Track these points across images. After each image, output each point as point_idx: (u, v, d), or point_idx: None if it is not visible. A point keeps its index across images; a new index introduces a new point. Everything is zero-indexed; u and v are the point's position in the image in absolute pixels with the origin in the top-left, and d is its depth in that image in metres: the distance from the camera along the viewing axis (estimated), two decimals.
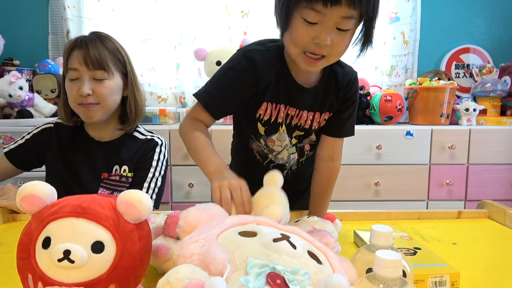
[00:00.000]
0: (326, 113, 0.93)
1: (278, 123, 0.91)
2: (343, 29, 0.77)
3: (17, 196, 0.45)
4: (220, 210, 0.60)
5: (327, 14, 0.73)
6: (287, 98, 0.89)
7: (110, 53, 1.07)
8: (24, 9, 2.34)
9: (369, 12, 0.77)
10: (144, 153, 1.16)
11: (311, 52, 0.78)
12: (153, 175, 1.15)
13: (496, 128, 2.03)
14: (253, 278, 0.41)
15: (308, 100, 0.90)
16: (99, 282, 0.42)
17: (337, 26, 0.76)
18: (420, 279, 0.59)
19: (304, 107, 0.91)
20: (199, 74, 2.38)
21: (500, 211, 0.95)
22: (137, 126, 1.22)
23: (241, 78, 0.86)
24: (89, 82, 1.04)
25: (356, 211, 0.99)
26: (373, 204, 1.97)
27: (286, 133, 0.93)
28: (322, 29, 0.75)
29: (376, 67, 2.42)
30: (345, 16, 0.74)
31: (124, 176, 1.13)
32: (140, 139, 1.18)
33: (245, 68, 0.86)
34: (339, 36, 0.77)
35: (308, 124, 0.93)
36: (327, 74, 0.92)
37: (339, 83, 0.91)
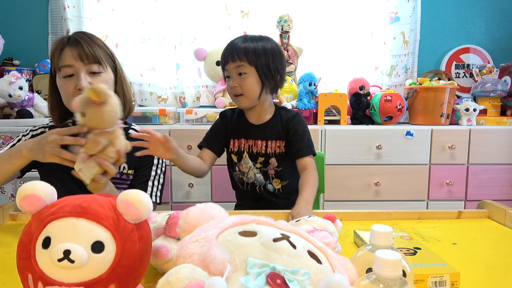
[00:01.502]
0: (277, 141, 1.25)
1: (241, 151, 1.28)
2: (241, 73, 1.18)
3: (17, 196, 0.45)
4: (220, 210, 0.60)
5: (228, 68, 1.20)
6: (244, 133, 1.27)
7: (101, 48, 1.07)
8: (24, 9, 2.34)
9: (252, 61, 1.17)
10: None
11: (234, 95, 1.21)
12: (156, 173, 1.17)
13: (496, 128, 2.03)
14: (253, 278, 0.41)
15: (258, 132, 1.26)
16: (99, 282, 0.42)
17: (237, 72, 1.18)
18: (420, 279, 0.59)
19: (257, 138, 1.26)
20: (199, 74, 2.38)
21: (500, 211, 0.95)
22: (132, 124, 1.22)
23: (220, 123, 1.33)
24: (86, 75, 1.03)
25: (356, 211, 0.99)
26: (373, 204, 1.97)
27: (248, 158, 1.27)
28: (231, 79, 1.20)
29: (376, 67, 2.42)
30: (236, 66, 1.18)
31: (125, 173, 1.13)
32: None
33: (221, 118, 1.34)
34: (241, 79, 1.18)
35: (263, 149, 1.26)
36: (274, 115, 1.28)
37: (282, 120, 1.26)
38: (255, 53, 1.17)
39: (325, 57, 2.37)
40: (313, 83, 2.08)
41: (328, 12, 2.34)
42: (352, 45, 2.38)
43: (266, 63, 1.18)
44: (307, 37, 2.35)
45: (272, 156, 1.25)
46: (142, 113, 2.03)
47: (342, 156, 1.94)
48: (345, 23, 2.35)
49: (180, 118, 2.09)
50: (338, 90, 2.14)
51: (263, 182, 1.28)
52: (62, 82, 1.04)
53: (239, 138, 1.28)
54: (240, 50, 1.17)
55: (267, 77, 1.19)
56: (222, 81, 2.24)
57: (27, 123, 1.81)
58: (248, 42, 1.18)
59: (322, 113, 2.04)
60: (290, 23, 2.18)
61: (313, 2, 2.34)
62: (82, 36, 1.06)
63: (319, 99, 2.05)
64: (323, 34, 2.35)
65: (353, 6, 2.35)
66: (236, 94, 1.20)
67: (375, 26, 2.38)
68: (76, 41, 1.03)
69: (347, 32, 2.36)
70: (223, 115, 1.33)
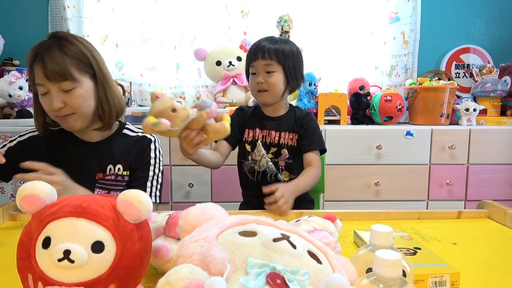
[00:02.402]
0: (290, 133, 1.31)
1: (255, 139, 1.34)
2: (269, 71, 1.25)
3: (17, 196, 0.45)
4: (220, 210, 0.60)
5: (256, 65, 1.27)
6: (259, 123, 1.34)
7: (72, 59, 0.99)
8: (24, 9, 2.34)
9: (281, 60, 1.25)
10: (140, 152, 1.15)
11: (258, 90, 1.28)
12: (153, 173, 1.16)
13: (496, 128, 2.03)
14: (253, 278, 0.41)
15: (273, 123, 1.33)
16: (99, 282, 0.42)
17: (265, 70, 1.25)
18: (420, 279, 0.59)
19: (271, 128, 1.33)
20: (199, 74, 2.38)
21: (500, 211, 0.95)
22: (126, 124, 1.20)
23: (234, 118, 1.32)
24: (58, 94, 0.99)
25: (356, 211, 0.99)
26: (373, 204, 1.97)
27: (261, 146, 1.32)
28: (257, 75, 1.27)
29: (376, 67, 2.42)
30: (265, 64, 1.25)
31: (120, 175, 1.12)
32: (131, 137, 1.17)
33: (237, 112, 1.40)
34: (269, 76, 1.25)
35: (276, 140, 1.32)
36: (288, 111, 1.36)
37: (296, 116, 1.34)
38: (284, 54, 1.25)
39: (325, 57, 2.37)
40: (313, 83, 2.08)
41: (328, 12, 2.34)
42: (352, 45, 2.38)
43: (293, 65, 1.27)
44: (307, 37, 2.35)
45: (284, 147, 1.30)
46: (142, 113, 2.03)
47: (342, 156, 1.94)
48: (345, 23, 2.35)
49: None
50: (338, 90, 2.15)
51: (274, 170, 1.31)
52: (40, 98, 1.03)
53: (254, 128, 1.34)
54: (271, 50, 1.24)
55: (292, 77, 1.27)
56: (222, 81, 2.24)
57: (27, 123, 1.81)
58: (277, 44, 1.26)
59: (322, 113, 2.04)
60: (290, 23, 2.18)
61: (313, 2, 2.34)
62: (51, 46, 0.99)
63: (319, 99, 2.05)
64: (323, 34, 2.35)
65: (353, 6, 2.35)
66: (260, 89, 1.27)
67: (375, 26, 2.38)
68: (42, 57, 0.97)
69: (347, 32, 2.36)
70: (240, 109, 1.41)
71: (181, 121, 0.88)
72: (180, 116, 0.88)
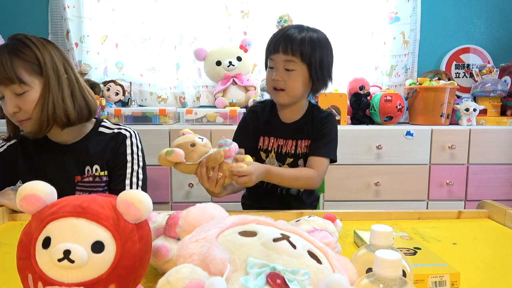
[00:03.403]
0: (306, 141, 1.19)
1: (268, 150, 1.22)
2: (289, 69, 1.09)
3: (17, 196, 0.45)
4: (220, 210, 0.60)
5: (275, 59, 1.10)
6: (276, 131, 1.21)
7: (22, 61, 0.96)
8: (24, 9, 2.34)
9: (306, 57, 1.07)
10: (114, 149, 1.10)
11: (274, 88, 1.13)
12: (132, 170, 1.10)
13: (496, 128, 2.03)
14: (253, 278, 0.41)
15: (290, 131, 1.20)
16: (99, 282, 0.42)
17: (285, 67, 1.09)
18: (420, 279, 0.59)
19: (288, 137, 1.20)
20: (199, 74, 2.38)
21: (500, 211, 0.95)
22: (103, 121, 1.15)
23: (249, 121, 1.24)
24: (11, 99, 0.96)
25: (356, 211, 0.99)
26: (373, 204, 1.97)
27: (274, 158, 1.21)
28: (275, 70, 1.11)
29: (376, 67, 2.42)
30: (285, 60, 1.08)
31: (97, 175, 1.09)
32: (107, 134, 1.11)
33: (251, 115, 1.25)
34: (288, 75, 1.10)
35: (293, 149, 1.20)
36: (306, 114, 1.21)
37: (314, 119, 1.19)
38: (311, 46, 1.07)
39: None
40: None
41: (328, 12, 2.34)
42: (352, 45, 2.38)
43: (320, 59, 1.09)
44: None
45: (301, 157, 1.19)
46: (142, 113, 2.03)
47: (342, 156, 1.92)
48: (345, 23, 2.35)
49: (180, 118, 2.09)
50: (338, 90, 2.15)
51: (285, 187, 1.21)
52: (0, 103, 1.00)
53: (269, 136, 1.21)
54: (295, 43, 1.06)
55: (318, 77, 1.11)
56: (222, 81, 2.24)
57: None
58: (305, 34, 1.08)
59: None
60: (290, 23, 2.18)
61: (313, 2, 2.34)
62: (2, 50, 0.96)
63: (319, 99, 2.05)
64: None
65: (353, 6, 2.35)
66: (276, 87, 1.12)
67: (375, 26, 2.38)
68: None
69: (347, 32, 2.36)
70: (254, 111, 1.25)
71: (198, 156, 0.89)
72: (197, 151, 0.89)
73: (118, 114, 1.99)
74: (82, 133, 1.10)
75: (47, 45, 1.02)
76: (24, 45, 0.98)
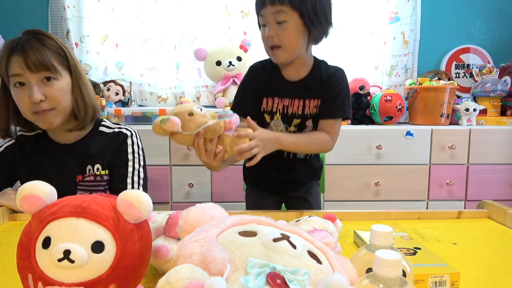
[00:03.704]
0: (315, 100, 1.10)
1: (273, 112, 1.12)
2: (280, 22, 0.99)
3: (17, 196, 0.45)
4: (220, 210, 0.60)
5: (264, 14, 1.00)
6: (279, 91, 1.11)
7: (52, 52, 0.97)
8: (24, 9, 2.34)
9: (295, 4, 0.97)
10: (116, 148, 1.10)
11: (271, 46, 1.04)
12: (133, 169, 1.10)
13: (496, 128, 2.03)
14: (253, 278, 0.41)
15: (296, 90, 1.10)
16: (99, 282, 0.42)
17: (276, 20, 0.99)
18: (420, 279, 0.59)
19: (294, 96, 1.10)
20: (199, 74, 2.38)
21: (500, 211, 0.95)
22: (102, 120, 1.15)
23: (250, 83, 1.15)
24: (38, 86, 0.95)
25: (356, 211, 0.99)
26: (373, 204, 1.97)
27: (280, 120, 1.12)
28: (267, 27, 1.02)
29: (376, 67, 2.42)
30: (274, 12, 0.98)
31: (98, 175, 1.08)
32: (107, 133, 1.12)
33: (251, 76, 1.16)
34: (280, 28, 1.00)
35: (300, 110, 1.11)
36: (313, 70, 1.12)
37: (322, 76, 1.10)
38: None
39: (325, 57, 2.35)
40: None
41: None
42: (352, 45, 2.38)
43: (313, 7, 0.99)
44: None
45: (310, 117, 1.11)
46: (142, 113, 2.03)
47: (342, 156, 1.94)
48: (345, 23, 2.35)
49: None
50: None
51: None
52: (14, 92, 0.98)
53: (273, 96, 1.12)
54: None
55: (313, 23, 1.00)
56: (222, 81, 2.24)
57: None
58: None
59: None
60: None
61: None
62: (31, 39, 0.97)
63: None
64: None
65: (353, 6, 2.35)
66: (272, 45, 1.02)
67: (375, 26, 2.38)
68: (23, 48, 0.95)
69: (347, 32, 2.36)
70: (254, 71, 1.16)
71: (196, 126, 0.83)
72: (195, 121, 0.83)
73: (118, 114, 1.99)
74: (82, 132, 1.10)
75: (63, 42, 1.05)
76: (50, 38, 1.00)
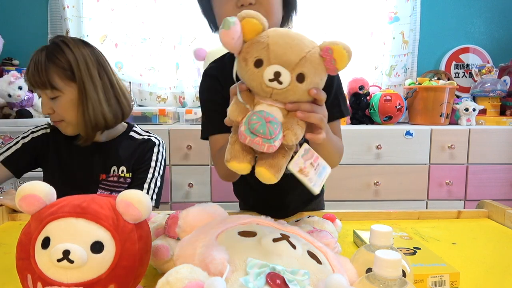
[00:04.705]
0: None
1: None
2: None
3: (17, 196, 0.45)
4: (219, 210, 0.60)
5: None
6: None
7: (57, 68, 1.01)
8: (24, 9, 2.33)
9: None
10: (142, 154, 1.14)
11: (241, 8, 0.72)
12: (152, 176, 1.14)
13: (495, 128, 2.03)
14: (253, 278, 0.41)
15: None
16: (99, 282, 0.42)
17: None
18: (420, 279, 0.59)
19: None
20: (199, 74, 2.38)
21: (500, 211, 0.95)
22: (134, 126, 1.20)
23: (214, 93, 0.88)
24: (47, 101, 1.04)
25: (356, 211, 0.99)
26: (373, 204, 1.98)
27: None
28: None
29: (376, 67, 2.42)
30: None
31: (122, 176, 1.12)
32: (137, 139, 1.17)
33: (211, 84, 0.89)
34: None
35: None
36: None
37: None
38: None
39: None
40: None
41: (328, 12, 2.34)
42: (351, 45, 2.35)
43: None
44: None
45: None
46: (142, 113, 2.03)
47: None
48: (345, 23, 2.35)
49: (179, 118, 2.09)
50: None
51: None
52: None
53: None
54: None
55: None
56: None
57: (27, 123, 1.80)
58: None
59: None
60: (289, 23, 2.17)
61: (313, 2, 2.33)
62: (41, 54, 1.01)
63: None
64: (323, 34, 2.35)
65: (353, 6, 2.35)
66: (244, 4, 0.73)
67: (375, 26, 2.38)
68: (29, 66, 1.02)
69: (347, 32, 2.36)
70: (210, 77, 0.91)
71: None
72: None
73: None
74: (113, 134, 1.15)
75: (83, 49, 1.06)
76: (60, 50, 1.02)
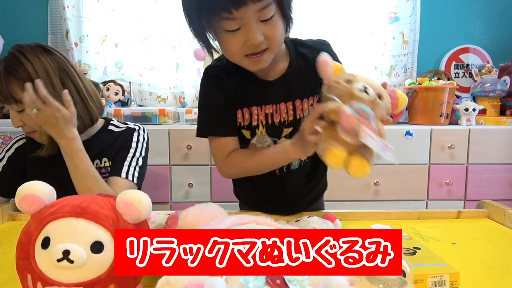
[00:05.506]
0: (310, 98, 0.89)
1: (254, 126, 0.90)
2: (266, 19, 0.75)
3: (16, 196, 0.45)
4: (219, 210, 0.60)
5: (241, 16, 0.72)
6: (257, 98, 0.89)
7: (17, 81, 0.96)
8: (24, 9, 2.33)
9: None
10: (123, 141, 1.12)
11: (252, 54, 0.78)
12: (133, 155, 1.11)
13: (495, 128, 2.04)
14: (253, 278, 0.41)
15: (278, 91, 0.88)
16: (99, 282, 0.42)
17: (260, 19, 0.74)
18: (420, 279, 0.59)
19: (278, 100, 0.88)
20: (199, 74, 2.38)
21: (500, 211, 0.95)
22: (111, 120, 1.17)
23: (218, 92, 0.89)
24: (16, 114, 1.02)
25: (356, 211, 0.99)
26: (373, 204, 1.98)
27: (266, 134, 0.90)
28: (247, 30, 0.74)
29: (376, 67, 2.42)
30: (260, 9, 0.73)
31: (103, 167, 1.10)
32: (116, 132, 1.15)
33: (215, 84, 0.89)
34: (268, 26, 0.76)
35: (291, 115, 0.89)
36: (294, 59, 0.90)
37: (311, 64, 0.82)
38: None
39: None
40: None
41: (328, 12, 2.34)
42: (351, 45, 2.38)
43: None
44: (306, 37, 2.34)
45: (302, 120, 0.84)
46: (142, 113, 2.03)
47: None
48: (345, 23, 2.35)
49: (179, 118, 2.09)
50: None
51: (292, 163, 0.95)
52: None
53: (249, 106, 0.88)
54: None
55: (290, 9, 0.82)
56: None
57: None
58: None
59: None
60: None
61: (313, 2, 2.33)
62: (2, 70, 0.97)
63: None
64: (323, 34, 2.35)
65: (353, 6, 2.35)
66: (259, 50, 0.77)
67: (375, 26, 2.38)
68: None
69: (347, 32, 2.36)
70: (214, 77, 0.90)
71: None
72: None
73: (118, 114, 1.99)
74: (92, 132, 1.13)
75: (42, 57, 0.99)
76: (18, 62, 0.97)
